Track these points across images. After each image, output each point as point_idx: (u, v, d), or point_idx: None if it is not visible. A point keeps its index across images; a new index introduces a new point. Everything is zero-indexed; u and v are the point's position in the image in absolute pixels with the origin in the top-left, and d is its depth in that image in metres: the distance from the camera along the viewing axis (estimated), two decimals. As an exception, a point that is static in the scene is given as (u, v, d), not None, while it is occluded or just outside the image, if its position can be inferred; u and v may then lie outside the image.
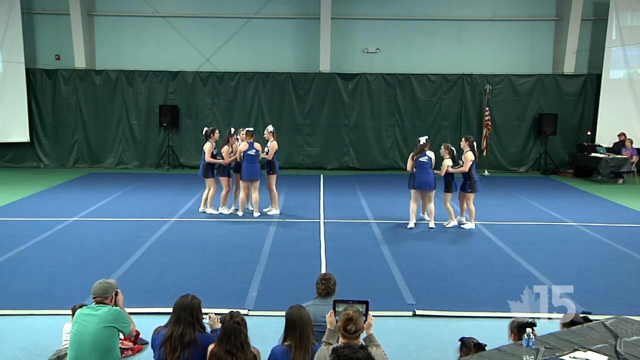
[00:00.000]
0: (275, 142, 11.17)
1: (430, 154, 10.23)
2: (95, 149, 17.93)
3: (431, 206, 10.49)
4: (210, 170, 11.11)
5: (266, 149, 11.16)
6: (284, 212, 11.37)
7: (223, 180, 11.17)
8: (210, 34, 18.02)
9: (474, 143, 10.50)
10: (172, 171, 17.38)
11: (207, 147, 10.99)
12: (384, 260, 8.43)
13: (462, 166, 10.29)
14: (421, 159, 10.20)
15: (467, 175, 10.29)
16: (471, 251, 8.98)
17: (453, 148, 10.46)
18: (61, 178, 15.60)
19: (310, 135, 17.92)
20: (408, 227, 10.33)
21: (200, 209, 11.37)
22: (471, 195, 10.33)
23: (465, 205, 10.53)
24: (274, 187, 11.26)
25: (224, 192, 11.25)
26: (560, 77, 17.88)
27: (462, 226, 10.44)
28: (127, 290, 5.69)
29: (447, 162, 10.25)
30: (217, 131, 11.26)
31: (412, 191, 10.39)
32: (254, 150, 10.89)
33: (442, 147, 10.45)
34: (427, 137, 10.45)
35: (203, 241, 9.37)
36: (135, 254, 8.56)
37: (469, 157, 10.23)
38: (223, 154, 11.03)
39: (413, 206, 10.41)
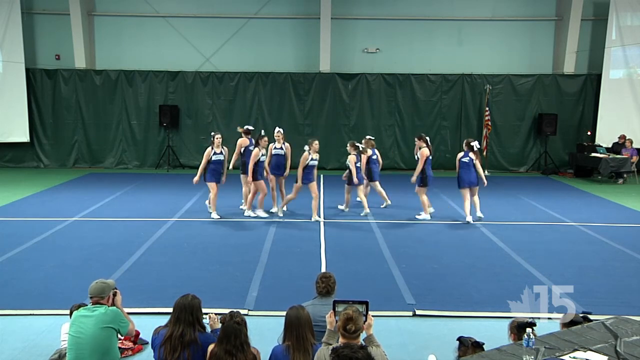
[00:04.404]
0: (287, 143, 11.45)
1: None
2: (95, 149, 17.94)
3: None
4: (210, 174, 10.71)
5: (282, 151, 11.20)
6: (285, 212, 11.35)
7: (258, 184, 10.77)
8: (210, 34, 18.02)
9: (427, 138, 11.12)
10: (172, 171, 17.38)
11: (206, 152, 10.73)
12: (384, 260, 8.43)
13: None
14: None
15: (420, 170, 10.87)
16: (471, 251, 8.98)
17: (358, 144, 11.27)
18: (61, 178, 15.60)
19: (310, 135, 17.84)
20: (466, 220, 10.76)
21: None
22: (422, 189, 10.94)
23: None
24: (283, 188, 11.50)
25: (261, 195, 10.98)
26: (560, 77, 17.89)
27: (416, 216, 11.02)
28: (127, 290, 5.70)
29: (352, 158, 11.00)
30: (216, 137, 10.76)
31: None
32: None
33: (348, 144, 11.28)
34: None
35: (203, 241, 9.37)
36: (135, 254, 8.55)
37: (424, 152, 10.83)
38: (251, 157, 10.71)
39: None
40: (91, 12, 17.93)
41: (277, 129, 11.47)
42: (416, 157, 11.13)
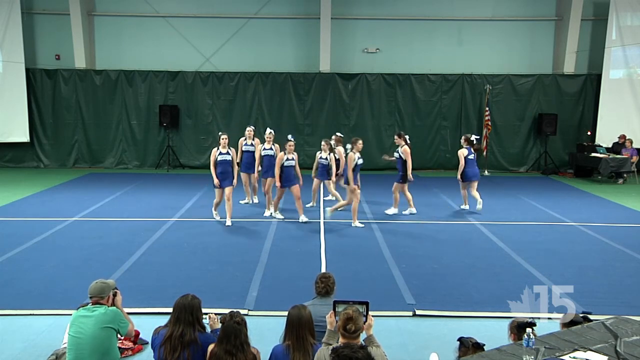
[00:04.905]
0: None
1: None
2: (95, 149, 17.94)
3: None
4: (218, 176, 10.35)
5: (271, 152, 11.16)
6: (285, 212, 11.34)
7: (280, 191, 10.80)
8: (210, 34, 18.02)
9: (406, 136, 11.37)
10: (172, 171, 17.38)
11: (212, 153, 10.46)
12: (384, 260, 8.43)
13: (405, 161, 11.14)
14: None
15: (401, 167, 11.14)
16: (471, 251, 8.98)
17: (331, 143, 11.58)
18: (61, 178, 15.60)
19: (310, 135, 17.91)
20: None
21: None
22: (404, 185, 11.26)
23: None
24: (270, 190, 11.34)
25: (276, 198, 11.01)
26: (560, 77, 17.89)
27: (403, 212, 11.40)
28: (127, 291, 5.71)
29: (318, 153, 11.47)
30: (222, 137, 10.46)
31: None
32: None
33: (324, 142, 11.48)
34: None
35: (203, 241, 9.36)
36: (135, 254, 8.56)
37: (407, 150, 11.09)
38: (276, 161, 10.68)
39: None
40: (91, 12, 17.93)
41: (268, 129, 11.45)
42: (395, 155, 11.41)
